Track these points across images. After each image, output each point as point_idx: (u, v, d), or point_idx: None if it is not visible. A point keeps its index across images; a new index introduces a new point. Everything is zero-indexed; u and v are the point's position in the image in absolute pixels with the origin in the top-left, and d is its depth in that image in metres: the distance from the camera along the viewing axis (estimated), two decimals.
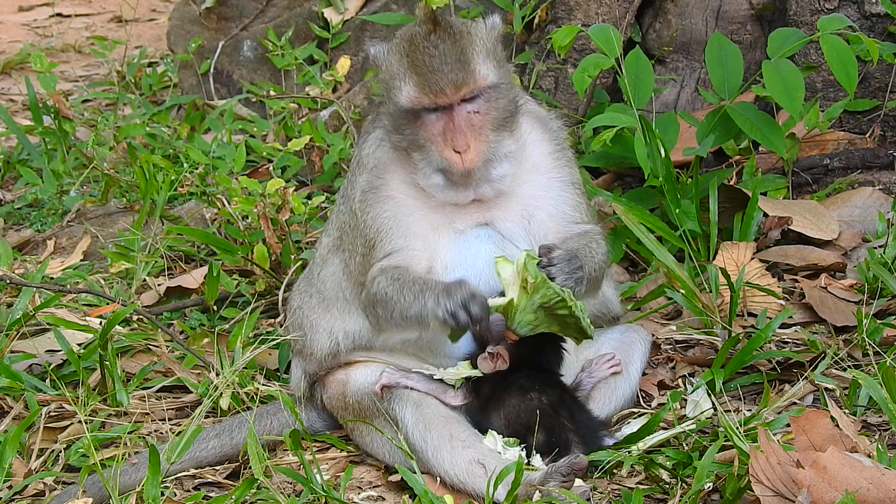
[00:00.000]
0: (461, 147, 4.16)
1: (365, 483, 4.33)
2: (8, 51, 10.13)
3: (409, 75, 4.17)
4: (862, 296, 5.04)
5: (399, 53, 4.23)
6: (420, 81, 4.15)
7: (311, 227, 5.92)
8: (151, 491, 4.06)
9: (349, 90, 7.36)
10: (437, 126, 4.20)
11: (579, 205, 4.44)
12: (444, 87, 4.14)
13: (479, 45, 4.22)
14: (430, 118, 4.20)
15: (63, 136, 7.07)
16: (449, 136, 4.18)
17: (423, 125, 4.21)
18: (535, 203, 4.36)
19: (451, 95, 4.15)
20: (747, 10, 6.33)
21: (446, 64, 4.14)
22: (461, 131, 4.17)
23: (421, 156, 4.24)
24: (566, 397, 4.27)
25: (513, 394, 4.24)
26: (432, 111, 4.19)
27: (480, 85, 4.19)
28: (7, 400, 4.80)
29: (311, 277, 4.65)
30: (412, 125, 4.22)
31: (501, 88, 4.25)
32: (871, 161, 5.91)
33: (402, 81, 4.19)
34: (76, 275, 5.87)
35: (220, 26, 8.06)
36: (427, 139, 4.21)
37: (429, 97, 4.15)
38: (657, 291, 5.16)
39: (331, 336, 4.51)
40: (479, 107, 4.21)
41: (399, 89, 4.20)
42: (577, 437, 4.18)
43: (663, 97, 6.42)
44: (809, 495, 3.57)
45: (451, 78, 4.14)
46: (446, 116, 4.19)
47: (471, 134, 4.18)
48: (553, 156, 4.45)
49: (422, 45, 4.18)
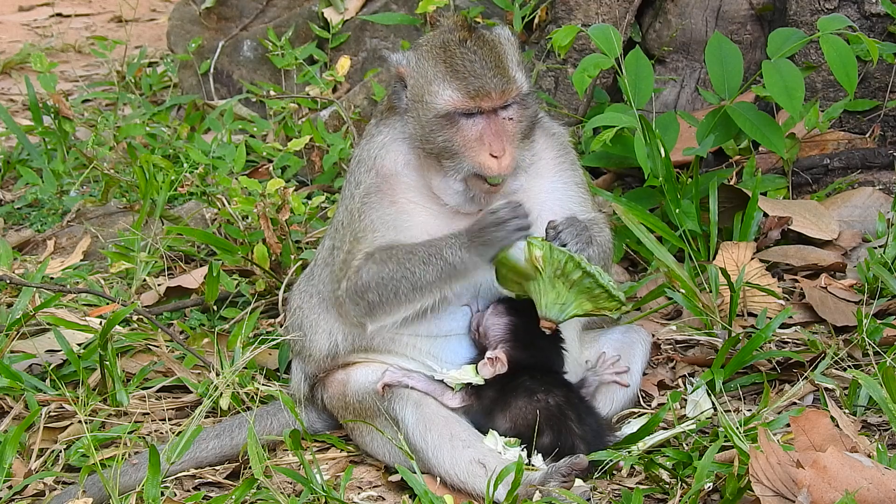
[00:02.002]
0: (498, 152, 4.19)
1: (365, 483, 4.33)
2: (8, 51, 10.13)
3: (449, 80, 4.19)
4: (862, 296, 5.04)
5: (433, 59, 4.25)
6: (462, 86, 4.18)
7: (311, 227, 5.92)
8: (151, 491, 4.06)
9: (349, 90, 7.36)
10: (474, 131, 4.21)
11: (585, 201, 4.48)
12: (490, 90, 4.17)
13: (511, 53, 4.28)
14: (467, 123, 4.21)
15: (63, 136, 7.07)
16: (487, 141, 4.19)
17: (459, 131, 4.21)
18: (541, 206, 4.37)
19: (495, 100, 4.18)
20: (747, 10, 6.33)
21: (489, 69, 4.19)
22: (499, 136, 4.19)
23: (452, 162, 4.24)
24: (573, 398, 4.27)
25: (519, 395, 4.24)
26: (469, 116, 4.20)
27: (520, 91, 4.23)
28: (7, 400, 4.80)
29: (311, 278, 4.65)
30: (447, 131, 4.22)
31: (531, 97, 4.32)
32: (871, 161, 5.91)
33: (440, 86, 4.21)
34: (76, 275, 5.87)
35: (220, 26, 8.06)
36: (463, 144, 4.21)
37: (473, 100, 4.18)
38: (657, 291, 5.16)
39: (330, 337, 4.51)
40: (513, 113, 4.24)
41: (436, 94, 4.21)
42: (583, 442, 4.17)
43: (663, 97, 6.42)
44: (809, 495, 3.57)
45: (495, 82, 4.18)
46: (484, 121, 4.21)
47: (507, 140, 4.21)
48: (557, 160, 4.47)
49: (459, 50, 4.22)
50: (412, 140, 4.33)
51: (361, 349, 4.47)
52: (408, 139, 4.35)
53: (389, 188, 4.35)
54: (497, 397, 4.26)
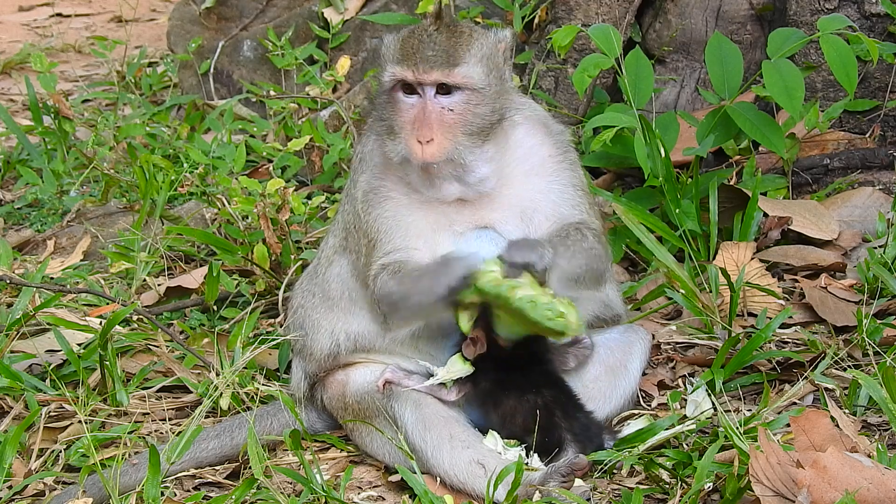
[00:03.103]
0: (424, 137, 4.16)
1: (365, 483, 4.33)
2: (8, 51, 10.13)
3: (397, 55, 4.22)
4: (862, 296, 5.04)
5: (396, 41, 4.28)
6: (402, 57, 4.19)
7: (311, 227, 5.92)
8: (151, 491, 4.06)
9: (349, 90, 7.36)
10: (410, 113, 4.21)
11: (579, 204, 4.43)
12: (420, 63, 4.15)
13: (474, 47, 4.23)
14: (406, 103, 4.21)
15: (63, 136, 7.07)
16: (417, 125, 4.18)
17: (399, 110, 4.22)
18: (534, 206, 4.36)
19: (424, 74, 4.16)
20: (747, 10, 6.33)
21: (432, 50, 4.18)
22: (429, 122, 4.17)
23: (392, 144, 4.24)
24: (561, 396, 4.27)
25: (510, 394, 4.24)
26: (408, 95, 4.21)
27: (458, 79, 4.18)
28: (7, 400, 4.80)
29: (314, 277, 4.65)
30: (389, 108, 4.25)
31: (485, 95, 4.23)
32: (871, 161, 5.91)
33: (389, 62, 4.24)
34: (76, 275, 5.87)
35: (220, 26, 8.06)
36: (399, 124, 4.22)
37: (410, 71, 4.16)
38: (657, 291, 5.16)
39: (332, 337, 4.51)
40: (454, 104, 4.20)
41: (385, 70, 4.25)
42: (570, 434, 4.18)
43: (663, 97, 6.42)
44: (809, 495, 3.57)
45: (429, 59, 4.16)
46: (420, 105, 4.19)
47: (438, 128, 4.18)
48: (554, 159, 4.44)
49: (419, 33, 4.23)
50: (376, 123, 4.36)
51: (363, 349, 4.47)
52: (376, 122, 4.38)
53: (383, 184, 4.36)
54: (490, 390, 4.27)
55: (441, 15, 4.23)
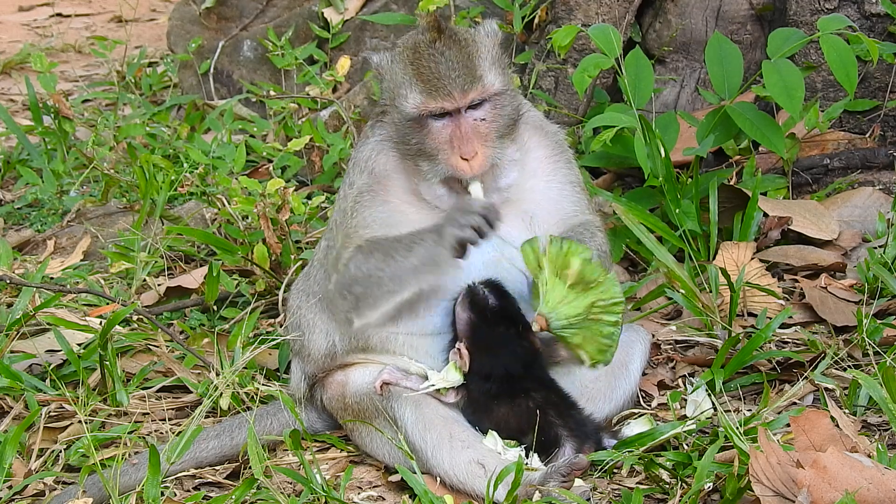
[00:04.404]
0: (468, 154, 4.17)
1: (365, 483, 4.33)
2: (8, 51, 10.13)
3: (415, 83, 4.17)
4: (862, 296, 5.04)
5: (403, 62, 4.22)
6: (426, 88, 4.16)
7: (311, 227, 5.92)
8: (151, 491, 4.06)
9: (349, 90, 7.36)
10: (444, 133, 4.20)
11: (579, 201, 4.46)
12: (452, 91, 4.14)
13: (484, 52, 4.23)
14: (436, 126, 4.20)
15: (63, 136, 7.07)
16: (456, 144, 4.17)
17: (429, 134, 4.20)
18: (535, 206, 4.37)
19: (458, 100, 4.15)
20: (747, 10, 6.33)
21: (453, 70, 4.15)
22: (468, 138, 4.17)
23: (429, 165, 4.24)
24: (552, 396, 4.27)
25: (502, 403, 4.25)
26: (438, 118, 4.19)
27: (488, 91, 4.19)
28: (7, 400, 4.80)
29: (308, 278, 4.66)
30: (418, 134, 4.22)
31: (506, 95, 4.26)
32: (871, 161, 5.91)
33: (408, 89, 4.19)
34: (76, 275, 5.87)
35: (220, 26, 8.06)
36: (435, 148, 4.20)
37: (436, 102, 4.15)
38: (657, 291, 5.16)
39: (328, 337, 4.51)
40: (485, 114, 4.21)
41: (405, 97, 4.19)
42: (567, 431, 4.18)
43: (663, 97, 6.42)
44: (809, 495, 3.57)
45: (458, 83, 4.14)
46: (453, 124, 4.19)
47: (478, 141, 4.18)
48: (551, 159, 4.45)
49: (427, 52, 4.18)
50: (397, 145, 4.33)
51: (359, 349, 4.46)
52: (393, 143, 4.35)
53: (382, 189, 4.36)
54: (481, 401, 4.28)
55: (441, 28, 4.20)
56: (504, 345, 4.24)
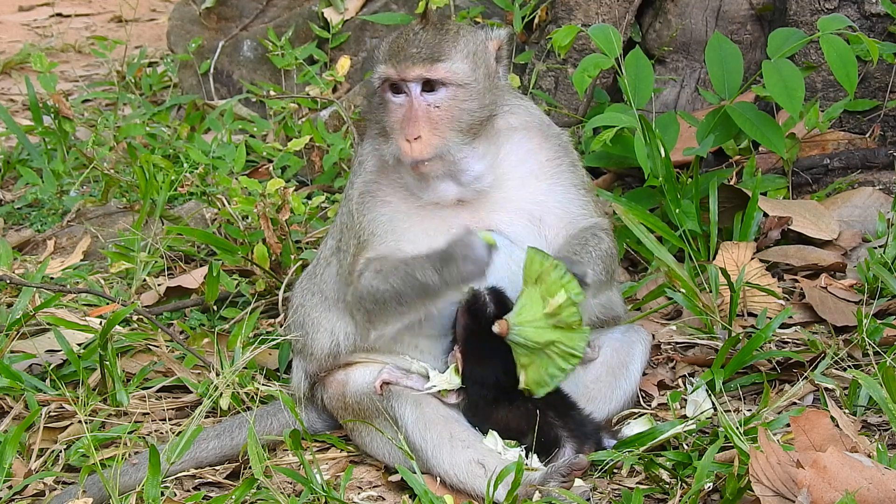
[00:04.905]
0: (411, 135, 4.17)
1: (365, 483, 4.33)
2: (8, 51, 10.13)
3: (384, 54, 4.25)
4: (862, 296, 5.04)
5: (387, 41, 4.31)
6: (387, 57, 4.22)
7: (311, 227, 5.92)
8: (151, 491, 4.06)
9: (349, 90, 7.36)
10: (399, 112, 4.22)
11: (587, 203, 4.46)
12: (405, 62, 4.17)
13: (460, 44, 4.24)
14: (394, 102, 4.23)
15: (63, 136, 7.07)
16: (404, 123, 4.20)
17: (387, 110, 4.24)
18: (542, 208, 4.37)
19: (407, 72, 4.17)
20: (747, 10, 6.33)
21: (417, 46, 4.20)
22: (415, 120, 4.18)
23: (386, 146, 4.27)
24: (551, 397, 4.26)
25: (500, 407, 4.25)
26: (396, 94, 4.23)
27: (440, 74, 4.19)
28: (7, 400, 4.79)
29: (313, 277, 4.65)
30: (381, 109, 4.27)
31: (471, 90, 4.24)
32: (871, 161, 5.91)
33: (377, 62, 4.26)
34: (76, 275, 5.87)
35: (220, 26, 8.06)
36: (390, 126, 4.25)
37: (389, 69, 4.19)
38: (657, 291, 5.16)
39: (332, 336, 4.51)
40: (440, 101, 4.21)
41: (375, 69, 4.27)
42: (566, 431, 4.18)
43: (663, 97, 6.42)
44: (809, 495, 3.57)
45: (416, 57, 4.18)
46: (407, 103, 4.21)
47: (425, 125, 4.19)
48: (552, 162, 4.44)
49: (405, 31, 4.27)
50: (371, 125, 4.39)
51: (363, 349, 4.47)
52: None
53: (380, 188, 4.37)
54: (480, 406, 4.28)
55: (427, 14, 4.26)
56: (496, 355, 4.23)
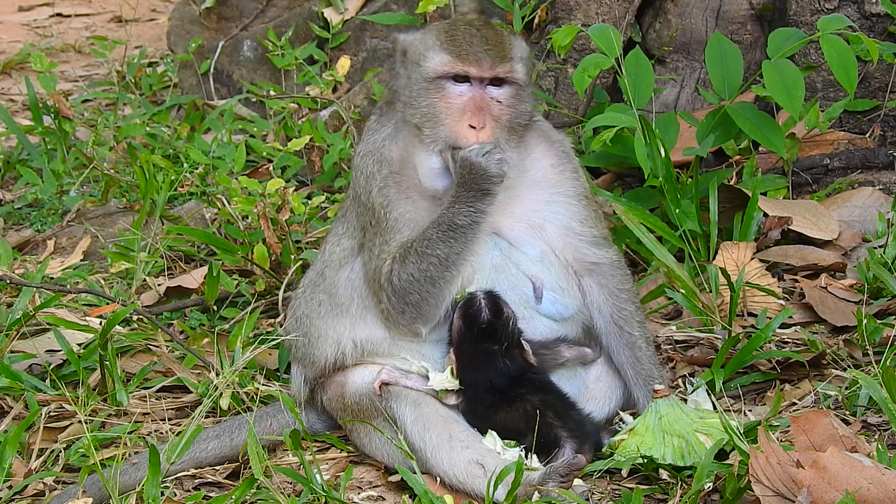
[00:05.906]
0: (479, 123, 4.19)
1: (365, 483, 4.33)
2: (8, 51, 10.13)
3: (446, 46, 4.25)
4: (862, 296, 5.04)
5: (437, 31, 4.32)
6: (456, 51, 4.23)
7: (311, 227, 5.92)
8: (151, 491, 4.06)
9: (349, 90, 7.36)
10: (459, 100, 4.23)
11: (587, 219, 4.45)
12: (482, 59, 4.21)
13: (516, 47, 4.33)
14: (453, 90, 4.24)
15: (63, 136, 7.07)
16: (469, 112, 4.21)
17: (444, 97, 4.23)
18: (542, 217, 4.37)
19: (486, 69, 4.21)
20: (747, 10, 6.33)
21: (487, 43, 4.24)
22: (482, 110, 4.21)
23: (431, 130, 4.24)
24: (550, 398, 4.27)
25: (498, 410, 4.25)
26: (458, 84, 4.24)
27: (514, 74, 4.26)
28: (7, 400, 4.79)
29: (320, 282, 4.57)
30: (432, 96, 4.24)
31: (525, 94, 4.32)
32: (871, 161, 5.91)
33: (436, 52, 4.25)
34: (76, 275, 5.87)
35: (220, 26, 8.06)
36: (444, 111, 4.23)
37: (463, 65, 4.20)
38: (657, 291, 5.16)
39: (338, 346, 4.45)
40: (504, 97, 4.25)
41: (429, 58, 4.25)
42: (566, 432, 4.18)
43: (663, 97, 6.42)
44: (809, 495, 3.57)
45: (490, 54, 4.22)
46: (471, 93, 4.23)
47: (490, 117, 4.22)
48: (556, 169, 4.45)
49: (463, 26, 4.30)
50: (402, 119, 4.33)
51: (369, 355, 4.44)
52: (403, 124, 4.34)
53: (400, 181, 4.34)
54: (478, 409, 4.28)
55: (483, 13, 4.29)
56: (487, 360, 4.24)
